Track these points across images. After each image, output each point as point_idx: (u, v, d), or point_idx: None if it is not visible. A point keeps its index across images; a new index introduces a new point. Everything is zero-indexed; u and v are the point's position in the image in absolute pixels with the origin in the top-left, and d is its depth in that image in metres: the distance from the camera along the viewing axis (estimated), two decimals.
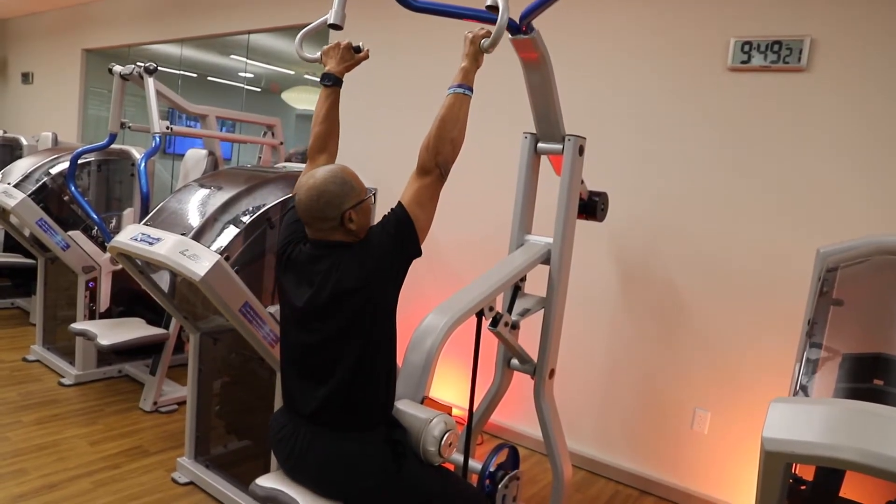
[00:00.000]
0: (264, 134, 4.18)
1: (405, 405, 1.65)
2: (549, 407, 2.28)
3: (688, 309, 2.93)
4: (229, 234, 2.29)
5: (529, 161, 2.30)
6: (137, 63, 3.37)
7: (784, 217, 2.68)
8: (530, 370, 2.30)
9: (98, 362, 3.72)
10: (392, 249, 1.57)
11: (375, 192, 2.53)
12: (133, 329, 3.33)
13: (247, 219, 2.36)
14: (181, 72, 6.09)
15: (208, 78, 6.64)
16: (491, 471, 2.04)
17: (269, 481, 1.63)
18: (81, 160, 3.86)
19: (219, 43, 5.78)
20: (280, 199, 2.45)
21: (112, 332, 3.20)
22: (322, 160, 1.80)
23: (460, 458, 2.03)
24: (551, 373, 2.29)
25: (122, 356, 3.72)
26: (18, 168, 3.95)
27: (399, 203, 1.60)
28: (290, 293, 1.62)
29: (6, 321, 4.74)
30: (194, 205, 2.52)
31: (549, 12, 1.90)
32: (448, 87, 1.67)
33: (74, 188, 3.68)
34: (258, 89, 6.12)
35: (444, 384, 3.62)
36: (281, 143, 4.17)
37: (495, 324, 2.06)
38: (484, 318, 1.99)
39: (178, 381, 3.56)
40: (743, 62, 2.73)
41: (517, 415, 3.38)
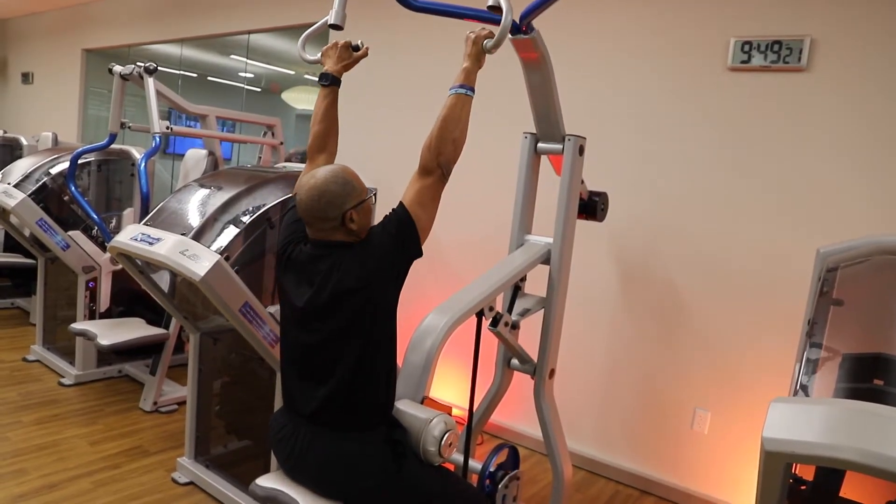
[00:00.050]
0: (264, 134, 4.18)
1: (405, 405, 1.65)
2: (550, 407, 2.28)
3: (688, 309, 2.93)
4: (229, 234, 2.30)
5: (529, 161, 2.30)
6: (137, 63, 3.37)
7: (784, 217, 2.68)
8: (530, 370, 2.30)
9: (98, 362, 3.72)
10: (393, 249, 1.57)
11: (376, 193, 2.53)
12: (133, 329, 3.33)
13: (247, 219, 2.36)
14: (181, 72, 6.09)
15: (208, 78, 6.64)
16: (491, 471, 2.04)
17: (269, 481, 1.63)
18: (81, 160, 3.86)
19: (219, 43, 5.78)
20: (280, 199, 2.45)
21: (112, 332, 3.20)
22: (321, 160, 1.80)
23: (460, 458, 2.03)
24: (551, 373, 2.29)
25: (122, 356, 3.72)
26: (18, 168, 3.95)
27: (400, 203, 1.60)
28: (291, 293, 1.62)
29: (6, 321, 4.74)
30: (194, 205, 2.52)
31: (549, 12, 1.90)
32: (450, 88, 1.66)
33: (74, 188, 3.67)
34: (258, 89, 6.11)
35: (444, 384, 3.62)
36: (281, 143, 4.17)
37: (495, 324, 2.06)
38: (484, 318, 1.99)
39: (178, 381, 3.56)
40: (743, 62, 2.73)
41: (517, 415, 3.38)
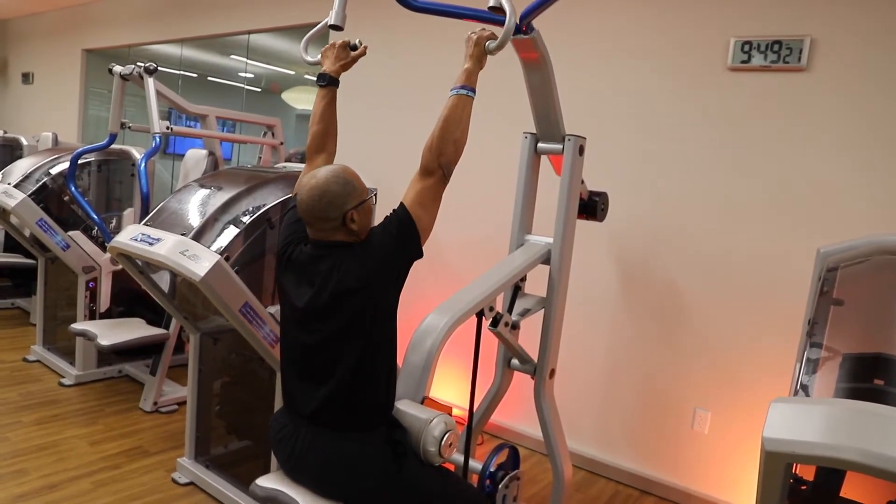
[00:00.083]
0: (264, 134, 4.18)
1: (405, 405, 1.64)
2: (550, 407, 2.28)
3: (688, 309, 2.93)
4: (229, 235, 2.29)
5: (529, 161, 2.30)
6: (137, 63, 3.37)
7: (784, 217, 2.68)
8: (530, 370, 2.30)
9: (98, 362, 3.72)
10: (394, 250, 1.57)
11: (376, 193, 2.53)
12: (133, 329, 3.33)
13: (247, 219, 2.36)
14: (181, 72, 6.09)
15: (208, 78, 6.64)
16: (491, 471, 2.04)
17: (270, 482, 1.63)
18: (81, 160, 3.86)
19: (219, 43, 5.78)
20: (280, 200, 2.45)
21: (112, 333, 3.20)
22: (320, 160, 1.80)
23: (460, 459, 2.03)
24: (551, 373, 2.29)
25: (123, 356, 3.72)
26: (19, 168, 3.95)
27: (401, 204, 1.60)
28: (291, 293, 1.62)
29: (6, 321, 4.74)
30: (194, 205, 2.52)
31: (549, 12, 1.90)
32: (450, 89, 1.66)
33: (74, 188, 3.67)
34: (258, 89, 6.11)
35: (445, 384, 3.62)
36: (281, 144, 4.16)
37: (495, 324, 2.06)
38: (484, 318, 1.99)
39: (179, 382, 3.56)
40: (743, 62, 2.73)
41: (517, 415, 3.38)
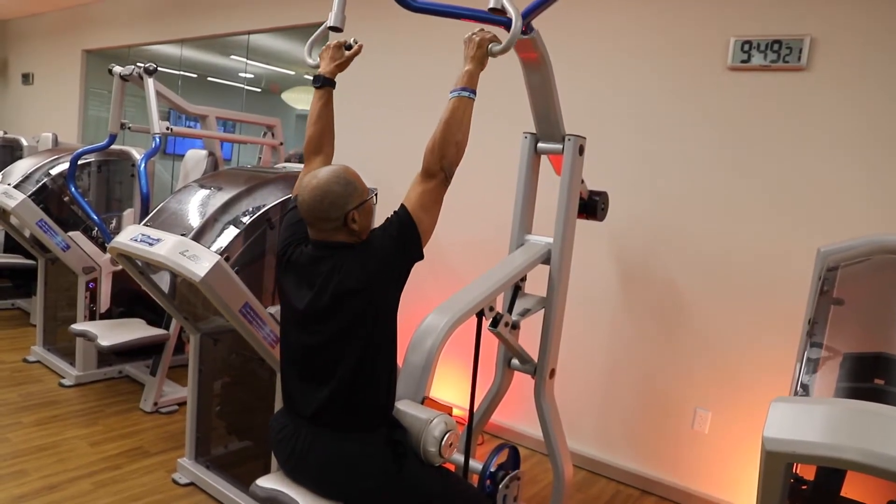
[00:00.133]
0: (264, 134, 4.18)
1: (406, 405, 1.64)
2: (550, 407, 2.28)
3: (688, 309, 2.93)
4: (229, 235, 2.29)
5: (529, 161, 2.30)
6: (137, 64, 3.37)
7: (784, 217, 2.68)
8: (531, 370, 2.30)
9: (98, 363, 3.72)
10: (394, 251, 1.57)
11: (376, 193, 2.53)
12: (133, 330, 3.33)
13: (247, 219, 2.36)
14: (181, 72, 6.09)
15: (208, 78, 6.64)
16: (492, 471, 2.03)
17: (270, 482, 1.63)
18: (81, 161, 3.86)
19: (219, 43, 5.78)
20: (280, 200, 2.45)
21: (112, 333, 3.20)
22: (318, 162, 1.80)
23: (461, 459, 2.03)
24: (552, 373, 2.29)
25: (123, 357, 3.72)
26: (19, 169, 3.95)
27: (402, 206, 1.60)
28: (291, 295, 1.62)
29: (7, 322, 4.73)
30: (194, 205, 2.52)
31: (549, 12, 1.90)
32: (451, 90, 1.65)
33: (74, 189, 3.67)
34: (258, 90, 6.11)
35: (445, 384, 3.62)
36: (281, 144, 4.16)
37: (495, 324, 2.05)
38: (484, 319, 1.99)
39: (179, 382, 3.56)
40: (743, 62, 2.73)
41: (518, 415, 3.38)
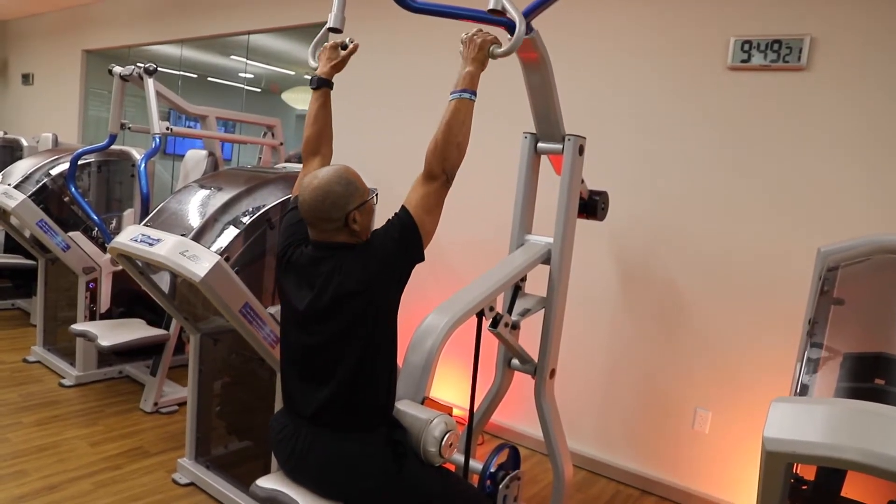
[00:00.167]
0: (264, 134, 4.18)
1: (406, 405, 1.64)
2: (550, 407, 2.28)
3: (688, 309, 2.93)
4: (229, 235, 2.29)
5: (529, 161, 2.30)
6: (137, 64, 3.37)
7: (784, 217, 2.68)
8: (531, 370, 2.30)
9: (98, 363, 3.72)
10: (395, 253, 1.57)
11: (377, 193, 2.53)
12: (133, 330, 3.33)
13: (247, 219, 2.36)
14: (181, 72, 6.09)
15: (208, 78, 6.64)
16: (492, 471, 2.03)
17: (270, 482, 1.63)
18: (81, 161, 3.86)
19: (219, 43, 5.78)
20: (280, 200, 2.45)
21: (112, 333, 3.20)
22: (316, 163, 1.80)
23: (461, 459, 2.03)
24: (552, 373, 2.29)
25: (123, 357, 3.72)
26: (19, 169, 3.95)
27: (403, 207, 1.60)
28: (291, 295, 1.61)
29: (7, 322, 4.73)
30: (194, 206, 2.52)
31: (549, 12, 1.90)
32: (451, 92, 1.65)
33: (74, 189, 3.67)
34: (258, 90, 6.11)
35: (445, 384, 3.62)
36: (281, 144, 4.17)
37: (495, 324, 2.05)
38: (484, 319, 1.99)
39: (179, 382, 3.56)
40: (743, 61, 2.73)
41: (518, 415, 3.38)
